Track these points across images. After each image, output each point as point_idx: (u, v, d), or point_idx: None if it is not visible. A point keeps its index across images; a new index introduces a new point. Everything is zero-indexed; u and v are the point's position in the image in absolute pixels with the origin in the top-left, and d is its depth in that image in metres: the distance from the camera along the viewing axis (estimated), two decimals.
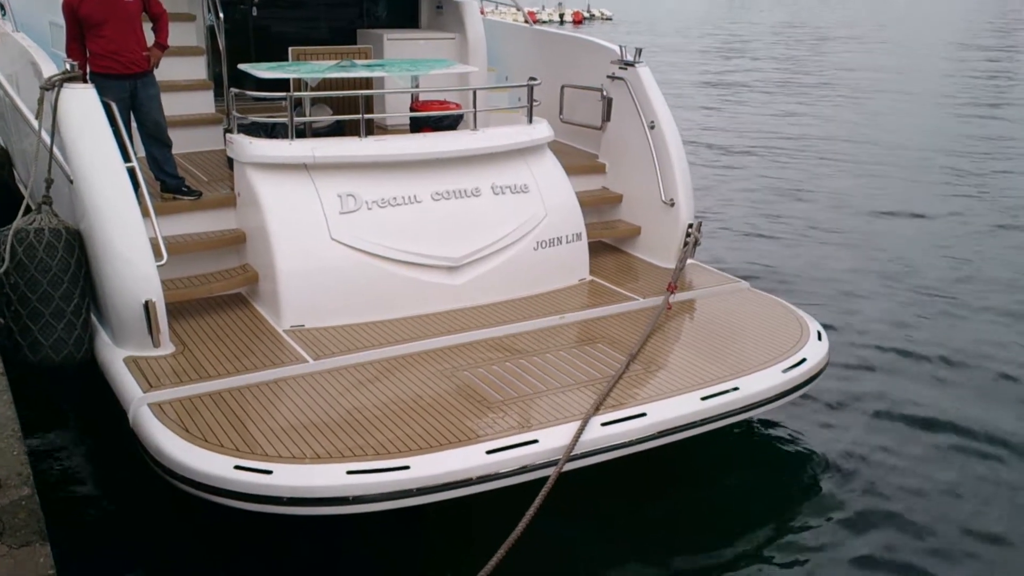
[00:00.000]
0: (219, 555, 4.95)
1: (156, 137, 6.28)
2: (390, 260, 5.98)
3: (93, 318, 5.59)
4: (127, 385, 5.03)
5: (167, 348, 5.39)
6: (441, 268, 6.14)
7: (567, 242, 6.71)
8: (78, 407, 6.42)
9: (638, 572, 4.82)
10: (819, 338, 5.95)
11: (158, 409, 4.76)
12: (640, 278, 6.97)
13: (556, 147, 7.23)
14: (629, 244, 7.56)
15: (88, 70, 6.00)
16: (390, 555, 4.87)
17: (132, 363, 5.24)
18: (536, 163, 6.79)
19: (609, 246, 7.60)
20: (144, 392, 4.90)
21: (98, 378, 5.46)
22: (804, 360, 5.64)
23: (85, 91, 5.48)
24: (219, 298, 6.10)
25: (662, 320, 6.16)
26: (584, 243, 6.85)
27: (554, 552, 4.83)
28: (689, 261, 7.03)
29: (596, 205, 7.58)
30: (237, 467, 4.30)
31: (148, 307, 5.24)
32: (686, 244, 6.99)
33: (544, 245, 6.57)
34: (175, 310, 5.76)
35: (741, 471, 5.80)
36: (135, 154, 5.71)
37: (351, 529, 4.77)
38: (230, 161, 6.36)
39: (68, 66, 5.54)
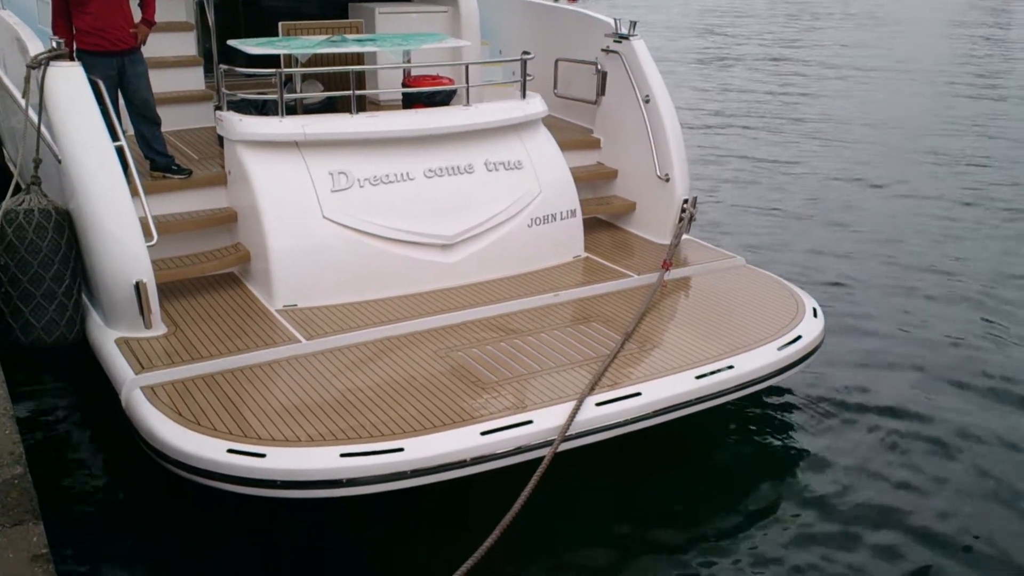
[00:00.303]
0: (212, 535, 4.93)
1: (144, 115, 6.20)
2: (383, 238, 5.93)
3: (84, 299, 5.54)
4: (119, 367, 4.99)
5: (159, 329, 5.35)
6: (434, 246, 6.09)
7: (561, 219, 6.65)
8: (71, 387, 6.39)
9: (632, 552, 4.81)
10: (815, 315, 5.92)
11: (151, 392, 4.73)
12: (635, 254, 6.92)
13: (550, 122, 7.17)
14: (624, 220, 7.51)
15: (74, 47, 5.91)
16: (384, 537, 4.85)
17: (124, 344, 5.20)
18: (530, 139, 6.72)
19: (604, 222, 7.55)
20: (136, 374, 4.87)
21: (91, 358, 5.42)
22: (799, 337, 5.61)
23: (72, 69, 5.40)
24: (211, 278, 6.06)
25: (657, 298, 6.12)
26: (579, 219, 6.79)
27: (547, 532, 4.82)
28: (684, 237, 6.99)
29: (591, 181, 7.52)
30: (230, 451, 4.27)
31: (139, 288, 5.19)
32: (681, 220, 6.94)
33: (538, 222, 6.52)
34: (166, 290, 5.72)
35: (736, 450, 5.79)
36: (123, 132, 5.65)
37: (346, 512, 4.75)
38: (220, 139, 6.29)
39: (54, 43, 5.45)
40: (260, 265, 5.88)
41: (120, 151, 5.35)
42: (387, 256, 5.94)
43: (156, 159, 6.22)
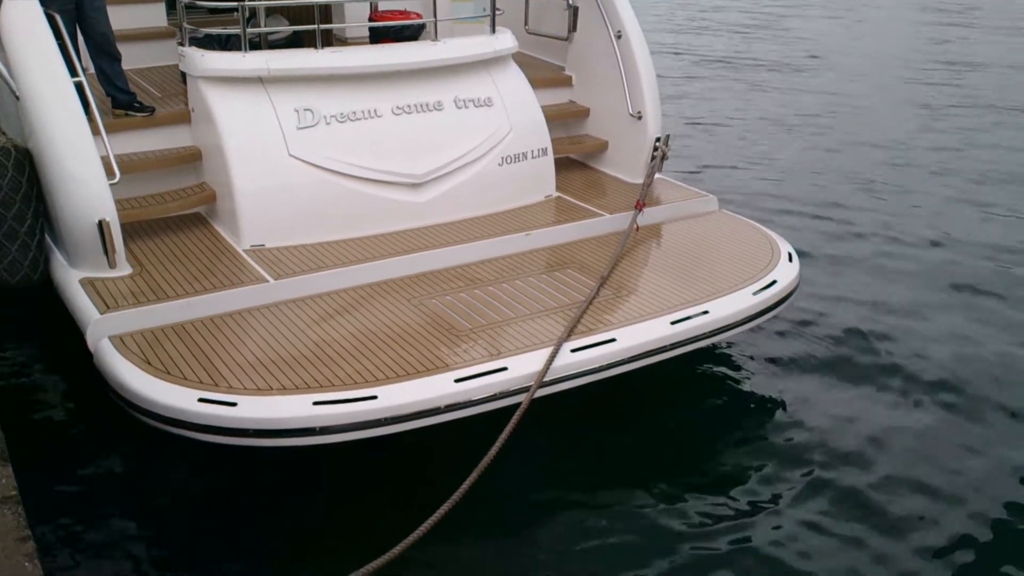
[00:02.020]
0: (184, 476, 4.94)
1: (104, 50, 6.05)
2: (350, 177, 5.84)
3: (48, 239, 5.46)
4: (83, 307, 4.93)
5: (124, 269, 5.28)
6: (403, 185, 6.02)
7: (532, 157, 6.58)
8: (37, 327, 6.34)
9: (604, 498, 4.83)
10: (790, 260, 5.91)
11: (119, 342, 4.67)
12: (607, 194, 6.88)
13: (522, 59, 7.04)
14: (596, 159, 7.44)
15: None
16: (356, 484, 4.85)
17: (88, 284, 5.13)
18: (500, 75, 6.61)
19: (576, 162, 7.49)
20: (101, 314, 4.81)
21: (56, 298, 5.36)
22: (775, 282, 5.60)
23: (27, 3, 5.24)
24: (177, 218, 5.97)
25: (632, 243, 6.09)
26: (550, 158, 6.72)
27: (522, 478, 4.83)
28: (657, 176, 6.95)
29: (563, 119, 7.43)
30: (201, 400, 4.24)
31: (102, 227, 5.10)
32: (653, 158, 6.89)
33: (509, 161, 6.44)
34: (132, 230, 5.64)
35: (709, 395, 5.79)
36: (83, 70, 5.51)
37: (319, 461, 4.75)
38: (184, 76, 6.15)
39: None
40: (226, 205, 5.80)
41: (80, 87, 5.22)
42: (355, 195, 5.86)
43: (117, 96, 6.08)
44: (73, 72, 5.24)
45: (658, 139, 6.94)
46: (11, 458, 3.91)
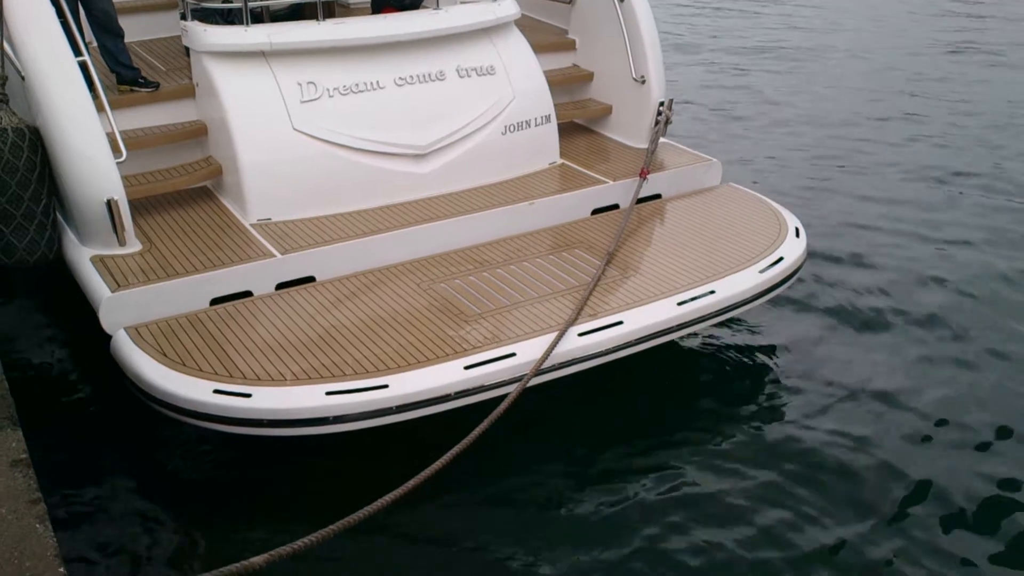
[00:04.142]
0: (189, 441, 5.07)
1: (106, 27, 6.05)
2: (354, 150, 5.87)
3: (59, 217, 5.54)
4: (95, 284, 5.03)
5: (133, 246, 5.36)
6: (407, 156, 6.05)
7: (536, 125, 6.58)
8: (49, 300, 6.44)
9: (599, 479, 4.90)
10: (797, 235, 5.91)
11: (135, 333, 4.77)
12: (611, 159, 6.88)
13: (524, 22, 7.00)
14: (600, 124, 7.43)
15: None
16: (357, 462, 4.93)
17: (99, 262, 5.22)
18: (502, 43, 6.59)
19: (580, 126, 7.48)
20: (112, 292, 4.91)
21: (68, 274, 5.45)
22: (781, 259, 5.62)
23: None
24: (184, 192, 6.02)
25: (638, 220, 6.09)
26: (553, 125, 6.72)
27: (517, 459, 4.92)
28: (661, 140, 6.94)
29: (566, 84, 7.40)
30: (216, 391, 4.33)
31: (111, 205, 5.18)
32: (657, 123, 6.88)
33: (512, 129, 6.45)
34: (140, 206, 5.71)
35: (714, 372, 5.82)
36: (87, 46, 5.54)
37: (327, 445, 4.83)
38: (187, 49, 6.17)
39: None
40: (232, 179, 5.84)
41: (84, 66, 5.26)
42: (360, 167, 5.90)
43: (122, 72, 6.10)
44: (77, 51, 5.27)
45: (662, 103, 6.93)
46: (21, 422, 4.01)
